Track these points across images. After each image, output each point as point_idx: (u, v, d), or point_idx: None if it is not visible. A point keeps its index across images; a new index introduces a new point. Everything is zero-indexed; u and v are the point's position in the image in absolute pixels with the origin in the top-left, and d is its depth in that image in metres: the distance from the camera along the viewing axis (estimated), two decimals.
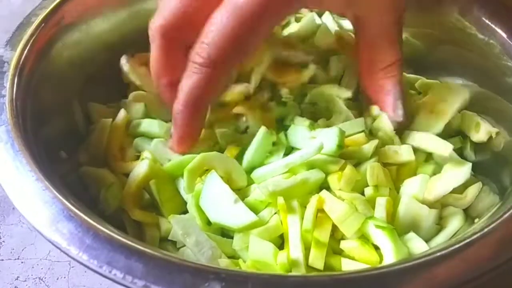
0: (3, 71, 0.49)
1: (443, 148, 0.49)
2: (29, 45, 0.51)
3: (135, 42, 0.63)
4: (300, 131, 0.51)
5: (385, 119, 0.52)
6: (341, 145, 0.47)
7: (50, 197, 0.39)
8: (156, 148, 0.53)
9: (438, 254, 0.35)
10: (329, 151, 0.47)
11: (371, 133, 0.53)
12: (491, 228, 0.37)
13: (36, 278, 0.55)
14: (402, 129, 0.52)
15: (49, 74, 0.52)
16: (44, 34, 0.53)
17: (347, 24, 0.63)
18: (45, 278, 0.55)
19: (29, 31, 0.52)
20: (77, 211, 0.39)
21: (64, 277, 0.55)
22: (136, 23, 0.63)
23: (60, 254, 0.57)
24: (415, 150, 0.51)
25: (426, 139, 0.50)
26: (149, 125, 0.55)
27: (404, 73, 0.62)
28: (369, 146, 0.49)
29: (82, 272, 0.55)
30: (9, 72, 0.49)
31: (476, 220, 0.46)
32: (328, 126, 0.51)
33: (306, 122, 0.52)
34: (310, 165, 0.48)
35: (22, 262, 0.56)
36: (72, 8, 0.56)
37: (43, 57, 0.52)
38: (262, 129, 0.49)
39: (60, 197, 0.39)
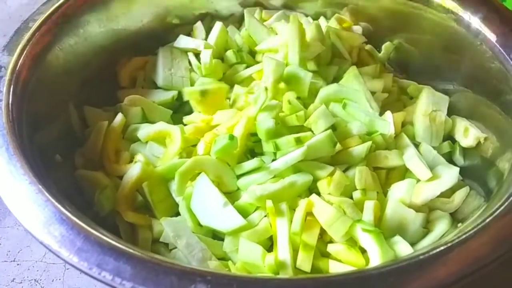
0: (0, 75, 0.49)
1: (423, 174, 0.50)
2: (26, 50, 0.52)
3: (131, 46, 0.65)
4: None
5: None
6: None
7: (43, 200, 0.40)
8: (151, 150, 0.54)
9: (421, 257, 0.36)
10: None
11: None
12: (473, 233, 0.37)
13: (32, 280, 0.56)
14: None
15: (46, 78, 0.53)
16: (41, 39, 0.54)
17: None
18: (40, 280, 0.56)
19: (27, 36, 0.53)
20: (69, 214, 0.39)
21: (59, 279, 0.56)
22: (132, 28, 0.64)
23: (55, 256, 0.57)
24: None
25: (413, 158, 0.51)
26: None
27: (396, 78, 0.63)
28: (362, 148, 0.50)
29: (77, 274, 0.56)
30: (6, 77, 0.49)
31: (459, 225, 0.46)
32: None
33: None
34: (298, 170, 0.48)
35: (18, 264, 0.57)
36: (69, 13, 0.57)
37: (40, 62, 0.53)
38: None
39: (53, 200, 0.40)
